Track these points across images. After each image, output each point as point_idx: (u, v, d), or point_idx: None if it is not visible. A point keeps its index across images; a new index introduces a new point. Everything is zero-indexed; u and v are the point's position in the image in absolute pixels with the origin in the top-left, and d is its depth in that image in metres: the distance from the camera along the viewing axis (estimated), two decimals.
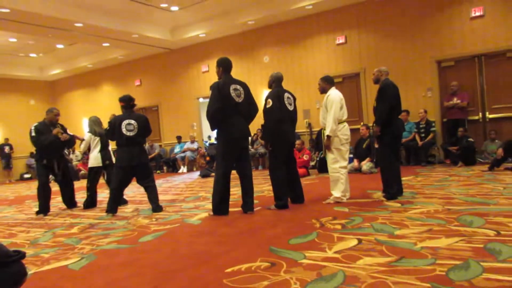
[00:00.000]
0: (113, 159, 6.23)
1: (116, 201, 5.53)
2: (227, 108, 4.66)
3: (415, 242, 3.03)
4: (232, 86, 4.73)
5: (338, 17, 10.06)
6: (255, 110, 5.01)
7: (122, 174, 5.43)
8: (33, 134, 5.89)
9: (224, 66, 4.84)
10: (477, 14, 8.41)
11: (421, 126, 8.70)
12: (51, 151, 5.97)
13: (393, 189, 4.88)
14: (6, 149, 14.62)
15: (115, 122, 5.43)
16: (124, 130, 5.37)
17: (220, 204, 4.76)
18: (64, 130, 6.13)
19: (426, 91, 9.05)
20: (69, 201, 6.42)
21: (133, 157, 5.40)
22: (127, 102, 5.55)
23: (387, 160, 4.97)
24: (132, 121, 5.45)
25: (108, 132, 5.58)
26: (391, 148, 4.98)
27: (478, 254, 2.65)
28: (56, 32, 10.40)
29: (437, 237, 3.13)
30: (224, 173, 4.75)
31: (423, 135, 8.62)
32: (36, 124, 6.01)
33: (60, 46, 13.00)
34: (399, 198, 4.87)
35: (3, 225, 5.48)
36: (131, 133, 5.40)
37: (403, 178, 5.25)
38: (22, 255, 2.65)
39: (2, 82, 15.13)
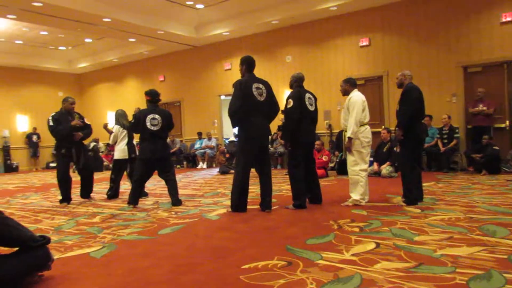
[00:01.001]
0: (137, 152, 6.33)
1: (137, 193, 5.64)
2: (249, 106, 4.69)
3: (434, 249, 3.00)
4: (255, 85, 4.77)
5: (362, 19, 9.97)
6: (277, 109, 5.03)
7: (144, 166, 5.53)
8: (51, 123, 5.91)
9: (248, 64, 4.89)
10: (508, 19, 8.20)
11: (444, 132, 8.55)
12: (69, 140, 5.96)
13: (413, 194, 4.83)
14: (34, 138, 15.07)
15: (140, 116, 5.53)
16: (148, 125, 5.46)
17: (239, 201, 4.80)
18: (81, 118, 6.16)
19: (450, 96, 8.89)
20: (85, 192, 6.33)
21: (156, 150, 5.49)
22: (153, 97, 5.65)
23: (408, 164, 4.91)
24: (157, 116, 5.53)
25: (132, 125, 5.67)
26: (412, 152, 4.92)
27: (501, 265, 2.60)
28: (85, 26, 10.65)
29: (458, 245, 3.09)
30: (243, 170, 4.79)
31: (445, 141, 8.47)
32: (53, 113, 6.02)
33: (88, 40, 13.31)
34: (419, 203, 4.81)
35: (30, 211, 5.67)
36: (155, 128, 5.49)
37: (423, 184, 5.19)
38: (47, 240, 2.76)
39: (33, 74, 15.59)
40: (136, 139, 6.59)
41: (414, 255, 2.88)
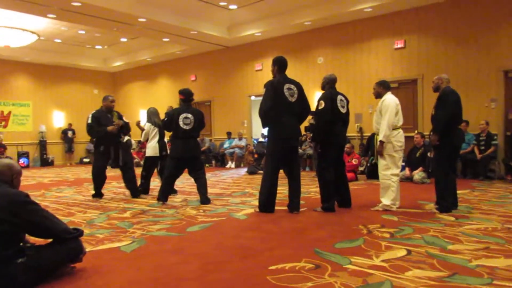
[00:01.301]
0: (168, 150, 6.41)
1: (167, 190, 5.72)
2: (280, 107, 4.69)
3: (469, 259, 2.89)
4: (286, 85, 4.76)
5: (398, 21, 9.74)
6: (308, 110, 4.99)
7: (175, 164, 5.60)
8: (89, 121, 6.01)
9: (280, 65, 4.89)
10: None
11: (481, 138, 8.23)
12: (107, 138, 6.05)
13: (447, 202, 4.67)
14: (69, 133, 15.58)
15: (173, 114, 5.60)
16: (181, 123, 5.52)
17: (267, 201, 4.79)
18: (120, 116, 6.25)
19: (489, 101, 8.55)
20: (133, 190, 6.28)
21: (188, 149, 5.55)
22: (186, 96, 5.71)
23: (442, 171, 4.74)
24: (189, 115, 5.59)
25: (165, 123, 5.75)
26: (448, 158, 4.75)
27: None
28: (121, 26, 10.91)
29: (495, 256, 2.96)
30: (272, 171, 4.78)
31: (482, 148, 8.15)
32: (94, 112, 6.13)
33: (123, 39, 13.63)
34: (453, 211, 4.65)
35: (63, 204, 5.86)
36: (188, 127, 5.55)
37: (458, 192, 5.01)
38: (80, 232, 2.84)
39: (70, 71, 16.13)
40: (166, 137, 6.69)
41: (447, 264, 2.79)
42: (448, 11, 9.01)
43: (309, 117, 6.72)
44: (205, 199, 5.56)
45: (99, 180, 6.24)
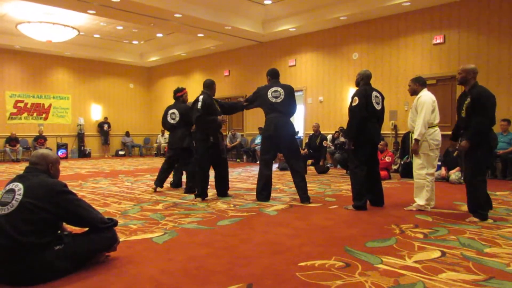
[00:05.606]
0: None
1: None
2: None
3: (507, 263, 2.77)
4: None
5: (437, 15, 9.42)
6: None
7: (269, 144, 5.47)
8: (199, 107, 5.89)
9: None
10: None
11: None
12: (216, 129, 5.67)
13: (485, 210, 4.21)
14: (105, 126, 16.07)
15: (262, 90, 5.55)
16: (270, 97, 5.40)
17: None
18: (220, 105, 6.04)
19: None
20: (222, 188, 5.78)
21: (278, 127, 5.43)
22: (274, 76, 5.66)
23: (479, 176, 4.23)
24: (279, 89, 5.39)
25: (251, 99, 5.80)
26: (486, 162, 4.40)
27: None
28: (157, 21, 11.13)
29: None
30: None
31: None
32: (203, 97, 5.96)
33: (159, 35, 13.91)
34: (490, 213, 4.43)
35: (99, 195, 6.05)
36: (278, 100, 5.36)
37: (497, 193, 4.82)
38: (115, 222, 2.92)
39: (107, 66, 16.63)
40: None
41: (484, 268, 2.69)
42: (491, 5, 8.62)
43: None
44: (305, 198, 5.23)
45: (205, 179, 5.51)
